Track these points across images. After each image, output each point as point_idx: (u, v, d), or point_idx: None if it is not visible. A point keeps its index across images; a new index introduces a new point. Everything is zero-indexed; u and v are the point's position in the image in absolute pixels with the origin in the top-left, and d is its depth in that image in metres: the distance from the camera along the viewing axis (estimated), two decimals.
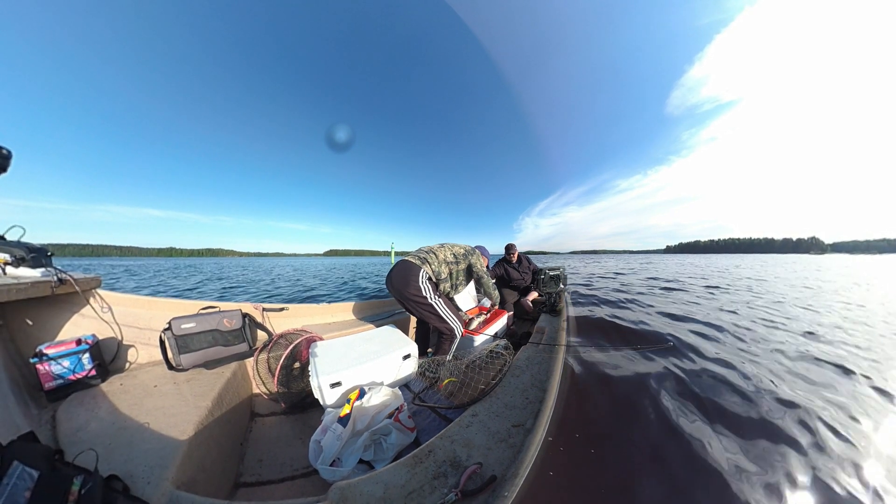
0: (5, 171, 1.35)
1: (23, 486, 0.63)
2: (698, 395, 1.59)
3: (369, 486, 0.79)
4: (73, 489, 0.68)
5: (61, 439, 1.04)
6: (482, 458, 0.88)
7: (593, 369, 1.79)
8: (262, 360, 1.92)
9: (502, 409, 1.14)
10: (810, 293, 5.86)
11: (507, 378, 1.38)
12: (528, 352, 1.68)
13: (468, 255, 2.38)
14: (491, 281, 2.54)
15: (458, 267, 2.29)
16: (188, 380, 1.50)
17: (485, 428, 1.03)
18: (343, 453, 1.20)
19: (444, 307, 2.12)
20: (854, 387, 1.81)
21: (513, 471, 0.82)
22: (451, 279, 2.26)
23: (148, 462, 0.94)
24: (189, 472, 0.99)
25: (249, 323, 1.94)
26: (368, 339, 1.90)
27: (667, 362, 1.97)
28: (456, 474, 0.82)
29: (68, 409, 1.20)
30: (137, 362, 1.66)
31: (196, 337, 1.65)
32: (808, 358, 2.23)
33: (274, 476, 1.28)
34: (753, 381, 1.77)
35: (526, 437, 0.97)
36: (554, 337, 1.98)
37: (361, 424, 1.28)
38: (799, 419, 1.43)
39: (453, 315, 2.14)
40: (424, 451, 0.92)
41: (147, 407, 1.23)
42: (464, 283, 2.41)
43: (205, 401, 1.30)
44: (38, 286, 1.35)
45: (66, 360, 1.31)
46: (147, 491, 0.84)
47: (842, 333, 2.94)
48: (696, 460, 1.12)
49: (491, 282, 2.53)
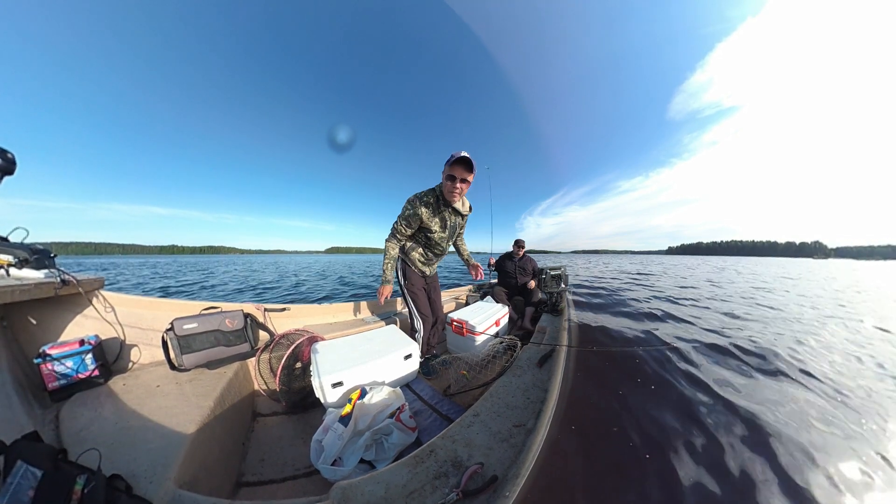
0: (11, 174, 1.36)
1: (27, 485, 0.64)
2: (701, 396, 1.59)
3: (370, 485, 0.79)
4: (76, 488, 0.68)
5: (65, 439, 1.05)
6: (483, 458, 0.88)
7: (595, 369, 1.78)
8: (263, 360, 1.93)
9: (503, 409, 1.14)
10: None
11: (508, 378, 1.38)
12: (529, 352, 1.68)
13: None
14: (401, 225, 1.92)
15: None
16: (190, 380, 1.50)
17: (486, 428, 1.03)
18: (344, 453, 1.20)
19: (408, 299, 2.12)
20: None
21: (514, 471, 0.82)
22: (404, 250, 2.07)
23: (150, 461, 0.94)
24: (191, 472, 0.99)
25: (251, 323, 1.94)
26: (370, 338, 1.90)
27: (669, 363, 1.96)
28: (457, 474, 0.82)
29: (71, 408, 1.20)
30: (140, 362, 1.67)
31: (198, 337, 1.66)
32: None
33: (276, 475, 1.28)
34: (761, 385, 1.77)
35: (527, 436, 0.97)
36: (555, 337, 1.97)
37: (363, 424, 1.28)
38: (812, 426, 1.42)
39: (413, 309, 2.13)
40: (426, 450, 0.92)
41: (150, 407, 1.23)
42: (416, 246, 2.05)
43: (207, 401, 1.31)
44: (41, 287, 1.36)
45: (70, 361, 1.32)
46: (150, 490, 0.84)
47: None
48: (700, 461, 1.12)
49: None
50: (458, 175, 1.70)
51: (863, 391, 1.79)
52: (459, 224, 2.11)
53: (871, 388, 1.84)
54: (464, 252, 2.45)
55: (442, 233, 1.99)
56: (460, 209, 1.96)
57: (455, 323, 2.44)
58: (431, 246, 2.07)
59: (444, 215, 1.93)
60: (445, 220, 1.96)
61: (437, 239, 2.00)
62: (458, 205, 1.92)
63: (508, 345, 1.83)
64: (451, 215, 1.97)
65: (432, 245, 2.06)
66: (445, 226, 1.98)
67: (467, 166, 1.69)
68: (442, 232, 1.99)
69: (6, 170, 1.32)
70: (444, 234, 2.00)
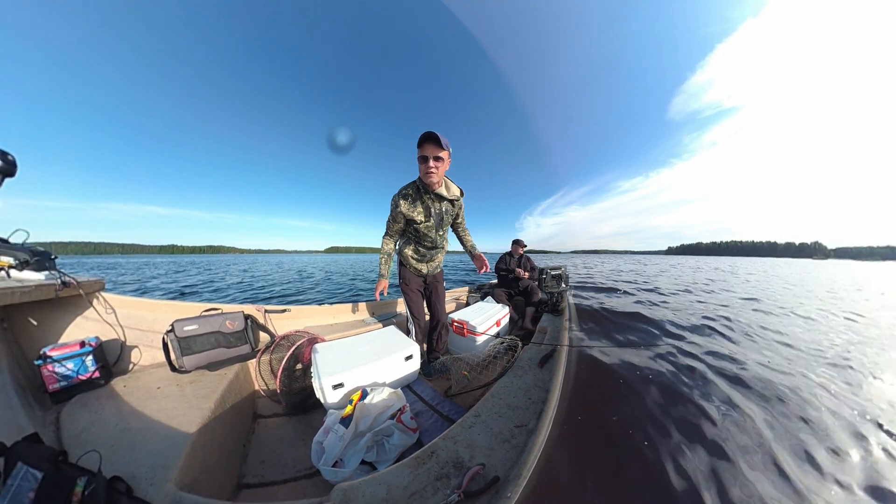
0: (13, 176, 1.36)
1: (27, 487, 0.63)
2: (707, 397, 1.58)
3: (372, 487, 0.79)
4: (76, 490, 0.68)
5: (65, 441, 1.05)
6: (485, 458, 0.88)
7: (596, 369, 1.78)
8: (264, 361, 1.93)
9: (505, 410, 1.13)
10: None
11: (509, 378, 1.38)
12: (530, 352, 1.67)
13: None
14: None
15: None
16: (191, 381, 1.50)
17: (487, 428, 1.02)
18: (345, 454, 1.20)
19: (406, 301, 2.12)
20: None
21: (516, 472, 0.82)
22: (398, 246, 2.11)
23: (151, 463, 0.94)
24: (192, 474, 0.99)
25: (251, 325, 1.94)
26: (370, 340, 1.90)
27: (671, 364, 1.96)
28: (458, 475, 0.82)
29: (72, 410, 1.20)
30: (140, 364, 1.67)
31: (199, 339, 1.66)
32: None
33: (276, 477, 1.28)
34: (765, 386, 1.76)
35: (529, 437, 0.96)
36: (556, 337, 1.97)
37: (364, 425, 1.28)
38: (812, 424, 1.42)
39: (410, 312, 2.12)
40: (427, 451, 0.92)
41: (150, 408, 1.23)
42: (408, 242, 2.06)
43: (207, 402, 1.31)
44: (41, 289, 1.36)
45: (70, 363, 1.32)
46: (150, 492, 0.84)
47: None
48: (703, 463, 1.11)
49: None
50: (428, 154, 1.59)
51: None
52: (448, 211, 1.93)
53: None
54: (466, 242, 2.25)
55: (427, 222, 1.87)
56: (444, 194, 1.81)
57: (456, 323, 2.44)
58: (420, 239, 1.98)
59: (426, 203, 1.82)
60: (429, 209, 1.84)
61: (424, 230, 1.89)
62: (441, 190, 1.79)
63: (509, 345, 1.83)
64: (434, 202, 1.84)
65: (421, 237, 1.96)
66: (430, 214, 1.85)
67: (435, 143, 1.58)
68: (427, 221, 1.87)
69: (7, 172, 1.33)
70: (430, 223, 1.88)
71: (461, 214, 2.10)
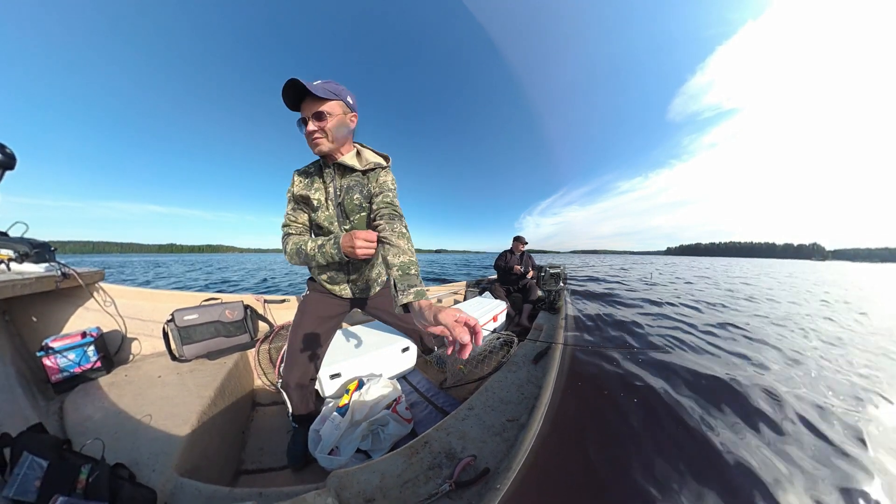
0: (12, 169, 1.35)
1: (33, 476, 0.66)
2: (696, 397, 1.61)
3: (366, 474, 0.82)
4: (80, 477, 0.71)
5: (69, 430, 1.08)
6: (476, 450, 0.91)
7: (589, 368, 1.80)
8: (263, 350, 1.95)
9: (498, 404, 1.16)
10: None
11: (503, 373, 1.40)
12: (525, 348, 1.70)
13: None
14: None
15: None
16: (191, 370, 1.53)
17: (480, 421, 1.05)
18: (341, 442, 1.23)
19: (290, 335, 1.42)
20: None
21: (506, 464, 0.84)
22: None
23: (152, 450, 0.97)
24: (192, 460, 1.02)
25: (251, 314, 1.96)
26: (368, 331, 1.92)
27: (663, 365, 1.98)
28: (450, 466, 0.84)
29: (75, 400, 1.23)
30: (141, 354, 1.69)
31: (198, 328, 1.68)
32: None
33: (275, 464, 1.32)
34: (753, 384, 1.79)
35: (520, 431, 0.99)
36: (552, 334, 1.99)
37: (360, 415, 1.31)
38: (808, 422, 1.44)
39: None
40: (420, 442, 0.94)
41: (151, 397, 1.26)
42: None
43: (207, 391, 1.33)
44: (42, 281, 1.37)
45: (72, 353, 1.34)
46: (152, 478, 0.87)
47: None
48: (692, 459, 1.14)
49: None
50: (304, 113, 1.02)
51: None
52: (359, 185, 1.19)
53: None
54: (392, 255, 0.93)
55: (326, 210, 1.20)
56: (353, 163, 1.15)
57: None
58: (322, 232, 1.26)
59: (325, 180, 1.19)
60: (328, 186, 1.19)
61: (323, 218, 1.20)
62: (346, 157, 1.15)
63: (505, 340, 1.85)
64: (337, 176, 1.19)
65: (322, 231, 1.25)
66: (328, 195, 1.19)
67: (311, 96, 0.99)
68: (326, 208, 1.20)
69: (6, 165, 1.32)
70: (329, 210, 1.20)
71: (389, 196, 1.17)
